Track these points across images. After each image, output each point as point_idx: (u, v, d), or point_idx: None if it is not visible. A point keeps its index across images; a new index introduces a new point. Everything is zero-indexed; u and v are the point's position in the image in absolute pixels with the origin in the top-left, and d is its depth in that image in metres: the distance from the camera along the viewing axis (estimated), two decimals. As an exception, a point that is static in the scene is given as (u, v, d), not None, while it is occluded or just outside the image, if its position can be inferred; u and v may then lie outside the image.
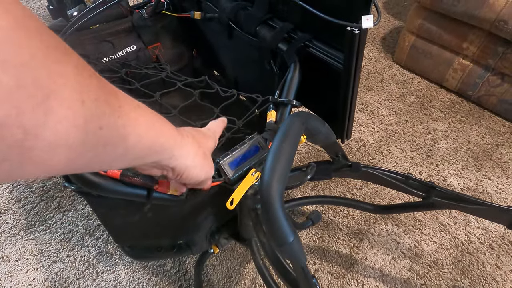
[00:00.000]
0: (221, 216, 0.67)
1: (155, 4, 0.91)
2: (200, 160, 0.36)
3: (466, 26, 1.24)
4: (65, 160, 0.20)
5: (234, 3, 0.73)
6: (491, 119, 1.31)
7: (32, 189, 1.15)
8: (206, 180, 0.40)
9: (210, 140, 0.41)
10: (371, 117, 1.34)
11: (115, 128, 0.23)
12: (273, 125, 0.55)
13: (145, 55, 0.89)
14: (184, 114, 0.66)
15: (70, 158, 0.20)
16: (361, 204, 0.85)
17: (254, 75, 0.83)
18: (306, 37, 0.62)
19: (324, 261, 0.96)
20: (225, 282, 0.93)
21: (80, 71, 0.20)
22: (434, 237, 0.99)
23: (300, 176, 0.62)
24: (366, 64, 1.58)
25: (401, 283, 0.91)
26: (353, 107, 0.62)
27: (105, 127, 0.22)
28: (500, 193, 1.09)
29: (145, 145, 0.27)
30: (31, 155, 0.18)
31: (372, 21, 0.49)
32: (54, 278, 0.95)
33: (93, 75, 0.21)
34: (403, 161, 1.19)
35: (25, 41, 0.16)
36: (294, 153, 0.39)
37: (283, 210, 0.35)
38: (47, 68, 0.18)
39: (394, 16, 1.87)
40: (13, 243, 1.02)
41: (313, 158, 1.22)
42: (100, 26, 0.85)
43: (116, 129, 0.23)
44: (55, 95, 0.18)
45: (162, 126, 0.29)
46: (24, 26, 0.17)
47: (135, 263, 0.97)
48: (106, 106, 0.22)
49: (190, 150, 0.34)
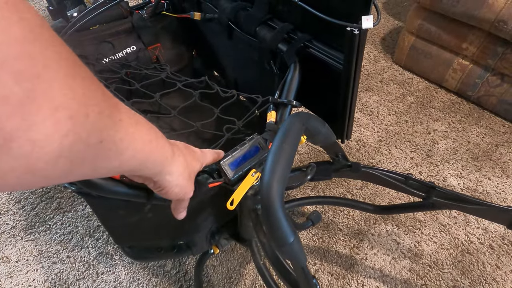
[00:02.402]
0: (221, 217, 0.67)
1: (155, 4, 0.91)
2: (184, 181, 0.36)
3: (466, 27, 1.24)
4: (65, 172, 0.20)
5: (234, 4, 0.73)
6: (490, 119, 1.31)
7: (32, 189, 1.15)
8: (182, 200, 0.40)
9: (198, 163, 0.41)
10: (371, 117, 1.34)
11: (114, 142, 0.23)
12: (273, 126, 0.55)
13: (145, 55, 0.89)
14: (184, 115, 0.66)
15: (69, 170, 0.20)
16: (361, 205, 0.85)
17: (254, 76, 0.83)
18: (306, 38, 0.62)
19: (324, 261, 0.96)
20: (225, 283, 0.93)
21: (87, 84, 0.20)
22: (434, 237, 0.99)
23: (300, 176, 0.62)
24: (366, 64, 1.59)
25: (401, 284, 0.91)
26: (353, 107, 0.62)
27: (105, 140, 0.22)
28: (500, 193, 1.09)
29: (139, 160, 0.27)
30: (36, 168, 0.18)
31: (372, 21, 0.50)
32: (54, 279, 0.95)
33: (99, 87, 0.21)
34: (403, 161, 1.19)
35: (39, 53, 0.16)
36: (294, 154, 0.39)
37: (283, 210, 0.35)
38: (59, 80, 0.17)
39: (394, 16, 1.87)
40: (13, 244, 1.02)
41: (313, 158, 1.22)
42: (100, 27, 0.85)
43: (115, 143, 0.23)
44: (63, 108, 0.18)
45: (157, 143, 0.30)
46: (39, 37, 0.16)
47: (135, 264, 0.97)
48: (108, 120, 0.22)
49: (177, 169, 0.34)
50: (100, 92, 0.21)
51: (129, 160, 0.26)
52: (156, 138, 0.29)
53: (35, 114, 0.16)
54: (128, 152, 0.25)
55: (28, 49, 0.16)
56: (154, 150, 0.29)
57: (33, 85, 0.16)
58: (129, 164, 0.27)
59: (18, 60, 0.15)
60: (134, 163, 0.27)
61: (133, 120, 0.25)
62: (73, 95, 0.18)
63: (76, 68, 0.19)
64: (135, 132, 0.25)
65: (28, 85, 0.16)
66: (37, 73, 0.16)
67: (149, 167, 0.30)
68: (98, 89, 0.21)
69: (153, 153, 0.29)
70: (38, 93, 0.16)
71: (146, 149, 0.27)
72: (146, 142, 0.27)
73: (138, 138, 0.26)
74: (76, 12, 0.87)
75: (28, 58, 0.16)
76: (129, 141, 0.25)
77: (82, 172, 0.22)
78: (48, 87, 0.17)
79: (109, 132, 0.22)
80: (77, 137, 0.19)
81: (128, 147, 0.25)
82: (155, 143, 0.29)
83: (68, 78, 0.18)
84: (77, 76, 0.19)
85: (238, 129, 0.63)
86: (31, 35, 0.16)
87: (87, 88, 0.20)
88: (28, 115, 0.16)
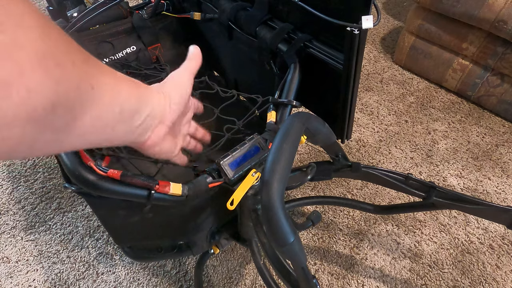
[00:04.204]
0: (222, 217, 0.67)
1: (155, 5, 0.91)
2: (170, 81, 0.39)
3: (466, 27, 1.24)
4: (67, 121, 0.21)
5: (234, 4, 0.73)
6: (490, 119, 1.31)
7: (32, 190, 1.15)
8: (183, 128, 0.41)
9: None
10: (371, 117, 1.34)
11: (105, 86, 0.25)
12: (273, 126, 0.55)
13: (145, 56, 0.89)
14: None
15: (71, 119, 0.22)
16: (361, 205, 0.85)
17: (254, 76, 0.83)
18: (306, 38, 0.62)
19: (324, 261, 0.96)
20: (226, 283, 0.93)
21: (65, 36, 0.21)
22: (434, 237, 0.99)
23: (300, 176, 0.62)
24: (366, 64, 1.59)
25: (401, 283, 0.91)
26: (353, 107, 0.62)
27: (96, 86, 0.23)
28: (500, 193, 1.09)
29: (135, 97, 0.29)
30: (36, 115, 0.19)
31: (372, 21, 0.50)
32: (54, 279, 0.95)
33: (72, 39, 0.22)
34: (403, 161, 1.19)
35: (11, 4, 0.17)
36: (295, 154, 0.39)
37: (283, 210, 0.35)
38: (38, 30, 0.18)
39: (394, 16, 1.87)
40: (13, 244, 1.02)
41: (313, 158, 1.22)
42: (100, 27, 0.85)
43: (106, 87, 0.25)
44: (50, 56, 0.19)
45: (136, 81, 0.31)
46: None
47: (135, 264, 0.97)
48: (93, 67, 0.23)
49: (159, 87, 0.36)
50: (75, 44, 0.22)
51: (127, 100, 0.28)
52: (132, 78, 0.31)
53: (25, 61, 0.17)
54: (123, 93, 0.27)
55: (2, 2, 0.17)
56: (138, 85, 0.30)
57: (16, 34, 0.17)
58: (130, 104, 0.28)
59: None
60: (133, 101, 0.29)
61: (109, 67, 0.27)
62: (55, 44, 0.19)
63: (48, 21, 0.20)
64: (117, 76, 0.27)
65: (12, 33, 0.17)
66: (16, 22, 0.17)
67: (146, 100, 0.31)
68: (72, 41, 0.22)
69: (139, 88, 0.30)
70: (23, 41, 0.17)
71: (133, 86, 0.29)
72: (129, 82, 0.29)
73: (122, 80, 0.28)
74: (76, 12, 0.87)
75: (4, 10, 0.16)
76: (118, 83, 0.27)
77: (87, 122, 0.23)
78: (30, 35, 0.18)
79: (98, 78, 0.24)
80: (69, 84, 0.20)
81: (119, 89, 0.27)
82: (135, 81, 0.30)
83: (45, 28, 0.19)
84: (51, 27, 0.20)
85: (238, 129, 0.63)
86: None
87: (64, 38, 0.21)
88: (19, 62, 0.17)
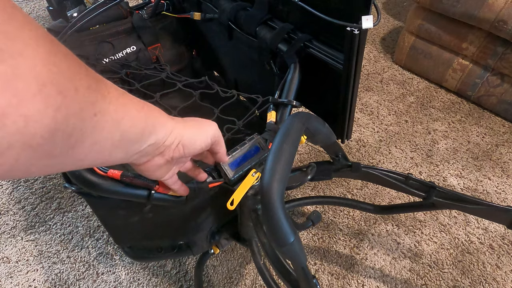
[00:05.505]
0: (222, 217, 0.67)
1: (155, 5, 0.91)
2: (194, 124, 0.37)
3: (466, 27, 1.24)
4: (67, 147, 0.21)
5: (234, 4, 0.73)
6: (490, 119, 1.31)
7: (32, 190, 1.15)
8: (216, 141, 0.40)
9: None
10: (371, 117, 1.34)
11: (108, 113, 0.24)
12: (273, 126, 0.55)
13: (145, 56, 0.89)
14: (184, 115, 0.66)
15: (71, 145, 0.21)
16: (361, 205, 0.85)
17: (254, 76, 0.83)
18: (306, 38, 0.62)
19: (324, 261, 0.96)
20: (226, 283, 0.93)
21: (70, 60, 0.20)
22: (434, 237, 0.99)
23: (300, 176, 0.62)
24: (366, 64, 1.59)
25: (401, 283, 0.91)
26: (353, 107, 0.62)
27: (99, 113, 0.23)
28: (500, 193, 1.09)
29: (139, 127, 0.28)
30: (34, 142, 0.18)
31: (372, 21, 0.50)
32: (54, 279, 0.95)
33: (81, 64, 0.22)
34: (403, 161, 1.19)
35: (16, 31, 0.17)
36: (295, 154, 0.39)
37: (283, 210, 0.35)
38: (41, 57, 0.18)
39: (394, 16, 1.87)
40: (13, 244, 1.02)
41: (313, 158, 1.22)
42: (100, 27, 0.85)
43: (109, 114, 0.24)
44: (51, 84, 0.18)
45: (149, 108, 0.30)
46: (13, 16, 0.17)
47: (135, 264, 0.97)
48: (98, 93, 0.23)
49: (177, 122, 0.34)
50: (84, 68, 0.22)
51: (129, 129, 0.26)
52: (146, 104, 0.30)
53: (24, 90, 0.17)
54: (126, 122, 0.26)
55: (4, 28, 0.16)
56: (149, 113, 0.29)
57: (17, 63, 0.16)
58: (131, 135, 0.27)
59: None
60: (135, 132, 0.27)
61: (120, 91, 0.26)
62: (58, 70, 0.19)
63: (56, 46, 0.19)
64: (126, 102, 0.26)
65: (12, 62, 0.16)
66: (19, 50, 0.17)
67: (152, 132, 0.30)
68: (81, 65, 0.22)
69: (149, 117, 0.29)
70: (24, 70, 0.17)
71: (142, 114, 0.28)
72: (139, 109, 0.28)
73: (131, 106, 0.27)
74: (76, 12, 0.87)
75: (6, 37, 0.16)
76: (124, 110, 0.25)
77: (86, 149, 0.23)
78: (32, 64, 0.17)
79: (101, 104, 0.23)
80: (70, 111, 0.20)
81: (124, 116, 0.25)
82: (147, 108, 0.29)
83: (50, 55, 0.19)
84: (58, 53, 0.19)
85: (238, 129, 0.62)
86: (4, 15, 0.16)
87: (71, 64, 0.20)
88: (18, 92, 0.17)
